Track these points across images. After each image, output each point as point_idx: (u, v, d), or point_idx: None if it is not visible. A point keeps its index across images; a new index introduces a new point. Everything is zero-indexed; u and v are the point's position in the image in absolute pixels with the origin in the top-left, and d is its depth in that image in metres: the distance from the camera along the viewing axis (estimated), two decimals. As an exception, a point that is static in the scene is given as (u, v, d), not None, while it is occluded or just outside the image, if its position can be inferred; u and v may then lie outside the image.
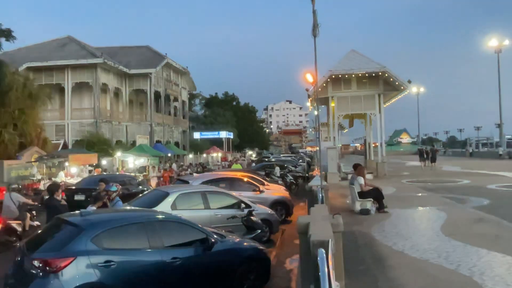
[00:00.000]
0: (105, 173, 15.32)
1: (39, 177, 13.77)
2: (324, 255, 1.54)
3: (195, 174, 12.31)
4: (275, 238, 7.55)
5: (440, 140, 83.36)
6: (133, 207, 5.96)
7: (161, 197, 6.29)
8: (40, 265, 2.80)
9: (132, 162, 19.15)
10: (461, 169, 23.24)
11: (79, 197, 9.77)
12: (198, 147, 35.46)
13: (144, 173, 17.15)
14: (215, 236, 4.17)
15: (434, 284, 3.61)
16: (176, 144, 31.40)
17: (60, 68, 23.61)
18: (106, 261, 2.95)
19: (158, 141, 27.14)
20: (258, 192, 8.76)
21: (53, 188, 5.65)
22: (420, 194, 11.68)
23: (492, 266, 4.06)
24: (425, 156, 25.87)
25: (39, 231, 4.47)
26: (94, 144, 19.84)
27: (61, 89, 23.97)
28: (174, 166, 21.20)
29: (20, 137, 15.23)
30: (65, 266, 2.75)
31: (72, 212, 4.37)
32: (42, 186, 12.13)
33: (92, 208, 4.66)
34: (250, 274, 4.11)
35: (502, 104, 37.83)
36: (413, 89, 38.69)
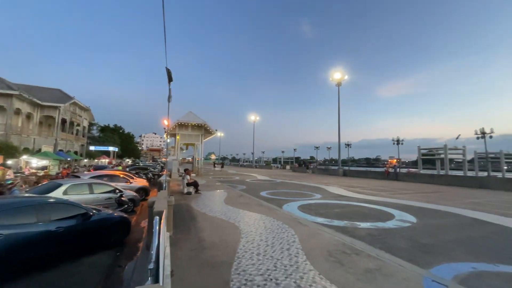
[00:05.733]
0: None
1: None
2: (158, 220, 2.65)
3: (85, 172, 14.99)
4: (137, 210, 9.93)
5: (228, 158, 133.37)
6: (29, 194, 7.07)
7: (55, 187, 7.69)
8: None
9: (36, 163, 23.29)
10: (236, 172, 36.24)
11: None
12: (92, 155, 45.22)
13: (45, 170, 21.53)
14: (94, 211, 5.78)
15: (218, 226, 5.60)
16: (75, 152, 37.57)
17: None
18: None
19: (60, 150, 32.02)
20: (128, 183, 12.08)
21: None
22: (218, 184, 15.88)
23: (244, 217, 6.55)
24: (217, 164, 47.53)
25: None
26: (2, 149, 21.47)
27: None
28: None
29: None
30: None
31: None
32: None
33: None
34: (117, 231, 5.92)
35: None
36: (218, 134, 70.01)
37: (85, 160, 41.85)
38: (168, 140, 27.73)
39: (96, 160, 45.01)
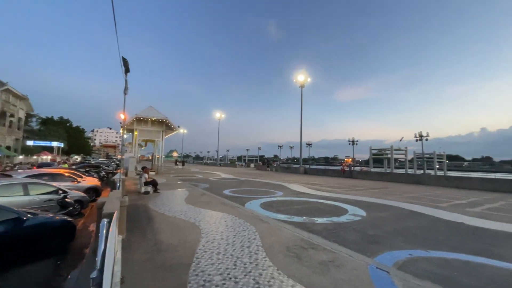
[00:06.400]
0: None
1: None
2: (105, 223, 2.44)
3: (19, 170, 12.95)
4: (85, 212, 9.07)
5: (191, 155, 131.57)
6: None
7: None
8: None
9: (-47, 159, 16.60)
10: (199, 170, 35.07)
11: None
12: (30, 151, 40.03)
13: (-35, 166, 16.04)
14: (28, 215, 5.11)
15: (177, 227, 5.38)
16: (8, 148, 33.17)
17: None
18: None
19: (-11, 143, 24.91)
20: (75, 182, 10.88)
21: None
22: (179, 183, 15.40)
23: (205, 217, 6.41)
24: (179, 162, 46.47)
25: None
26: None
27: None
28: None
29: None
30: None
31: None
32: None
33: None
34: (58, 237, 5.28)
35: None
36: (181, 130, 72.62)
37: (20, 157, 36.86)
38: (125, 136, 25.46)
39: (35, 157, 39.95)
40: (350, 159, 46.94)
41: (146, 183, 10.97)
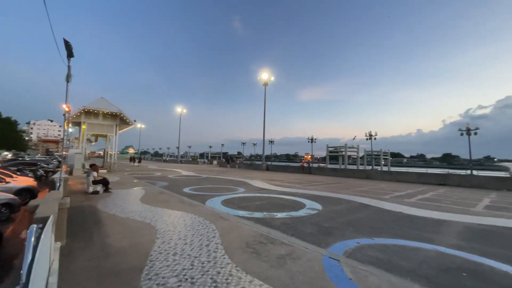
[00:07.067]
0: None
1: None
2: (34, 229, 2.15)
3: None
4: (16, 217, 8.06)
5: (150, 152, 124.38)
6: None
7: None
8: None
9: None
10: (158, 167, 33.27)
11: None
12: None
13: None
14: None
15: (129, 229, 4.94)
16: None
17: None
18: None
19: None
20: (3, 182, 9.55)
21: None
22: (135, 181, 14.45)
23: (162, 216, 6.03)
24: (133, 159, 44.66)
25: None
26: None
27: None
28: None
29: None
30: None
31: None
32: None
33: None
34: None
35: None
36: (138, 125, 72.97)
37: None
38: (71, 130, 22.61)
39: None
40: (309, 156, 49.56)
41: (95, 182, 9.91)
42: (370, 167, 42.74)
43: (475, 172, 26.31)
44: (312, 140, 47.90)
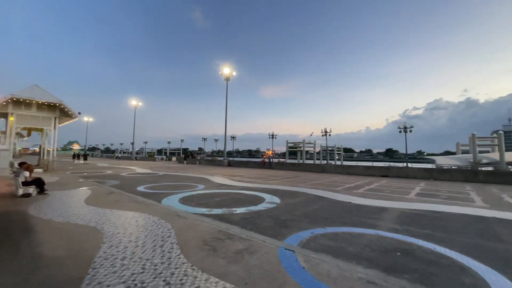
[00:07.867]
0: None
1: None
2: None
3: None
4: None
5: (99, 148, 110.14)
6: None
7: None
8: None
9: None
10: (109, 165, 30.93)
11: None
12: None
13: None
14: None
15: (69, 235, 4.42)
16: None
17: None
18: None
19: None
20: None
21: None
22: (80, 180, 13.10)
23: (111, 218, 5.55)
24: (77, 157, 39.96)
25: None
26: None
27: None
28: None
29: None
30: None
31: None
32: None
33: None
34: None
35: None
36: (85, 118, 69.12)
37: None
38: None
39: None
40: (270, 152, 50.81)
41: (26, 183, 8.54)
42: (326, 162, 45.86)
43: (410, 165, 30.44)
44: (273, 136, 49.22)
